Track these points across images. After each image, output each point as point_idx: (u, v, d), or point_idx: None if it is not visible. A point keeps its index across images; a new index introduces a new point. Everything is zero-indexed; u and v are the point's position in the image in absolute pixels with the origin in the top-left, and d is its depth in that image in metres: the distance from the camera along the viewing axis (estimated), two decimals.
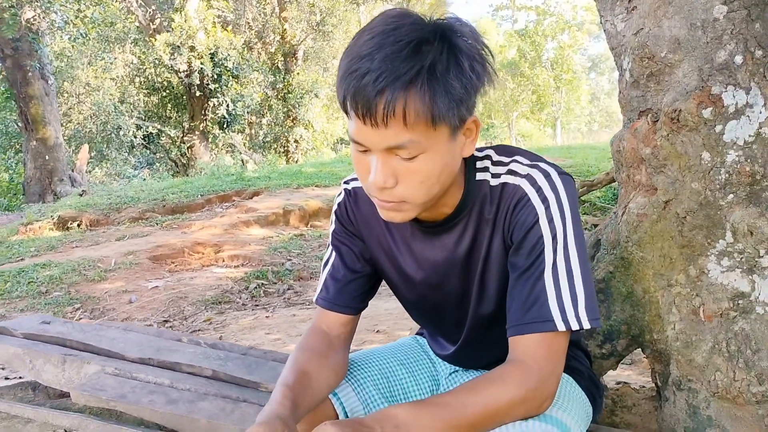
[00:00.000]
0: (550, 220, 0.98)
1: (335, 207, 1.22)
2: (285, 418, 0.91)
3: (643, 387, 2.11)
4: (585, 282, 0.99)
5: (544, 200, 0.99)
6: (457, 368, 1.32)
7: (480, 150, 1.09)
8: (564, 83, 29.14)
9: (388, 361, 1.29)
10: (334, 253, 1.22)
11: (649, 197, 1.47)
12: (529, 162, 1.03)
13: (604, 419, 1.67)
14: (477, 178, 1.05)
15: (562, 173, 1.02)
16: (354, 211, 1.19)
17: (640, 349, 1.59)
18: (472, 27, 0.93)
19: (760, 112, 1.31)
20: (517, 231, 1.01)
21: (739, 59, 1.31)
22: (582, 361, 1.26)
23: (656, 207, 1.45)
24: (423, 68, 0.85)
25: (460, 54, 0.89)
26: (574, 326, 0.97)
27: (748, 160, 1.31)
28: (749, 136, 1.31)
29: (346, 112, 0.92)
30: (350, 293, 1.19)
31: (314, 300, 1.23)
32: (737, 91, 1.32)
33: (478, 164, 1.06)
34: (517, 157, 1.05)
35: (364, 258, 1.20)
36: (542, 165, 1.02)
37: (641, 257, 1.50)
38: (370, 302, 1.25)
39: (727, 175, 1.33)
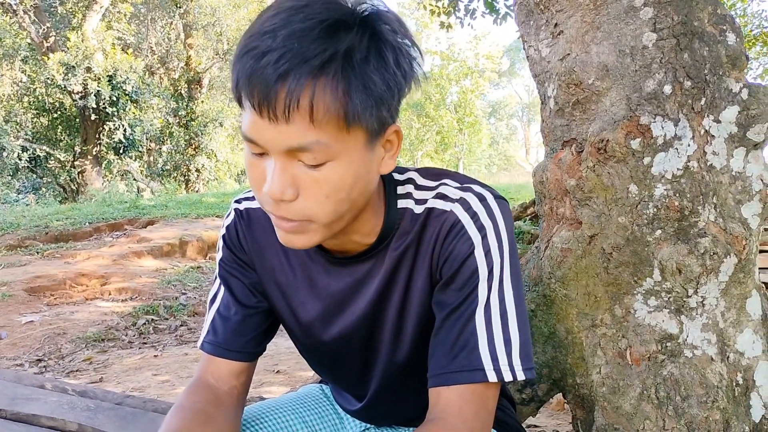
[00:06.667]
0: (487, 252, 0.84)
1: (223, 230, 1.03)
2: None
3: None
4: (520, 325, 0.85)
5: (481, 228, 0.85)
6: (369, 426, 1.14)
7: (401, 172, 0.93)
8: (466, 126, 30.03)
9: (288, 417, 1.08)
10: (222, 287, 1.01)
11: (573, 231, 1.38)
12: (459, 185, 0.89)
13: None
14: (399, 205, 0.90)
15: (498, 197, 0.88)
16: (246, 236, 1.00)
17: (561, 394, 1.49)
18: (399, 18, 0.78)
19: (689, 145, 1.26)
20: (448, 264, 0.86)
21: (668, 89, 1.26)
22: (509, 413, 1.11)
23: (581, 242, 1.36)
24: (338, 53, 0.69)
25: (384, 44, 0.73)
26: (507, 377, 0.83)
27: (677, 195, 1.25)
28: (677, 169, 1.26)
29: (240, 102, 0.74)
30: (244, 335, 0.98)
31: (199, 345, 1.01)
32: (666, 122, 1.26)
33: (400, 189, 0.91)
34: (445, 180, 0.90)
35: (258, 291, 1.01)
36: (476, 188, 0.88)
37: (564, 295, 1.40)
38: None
39: (655, 210, 1.26)
